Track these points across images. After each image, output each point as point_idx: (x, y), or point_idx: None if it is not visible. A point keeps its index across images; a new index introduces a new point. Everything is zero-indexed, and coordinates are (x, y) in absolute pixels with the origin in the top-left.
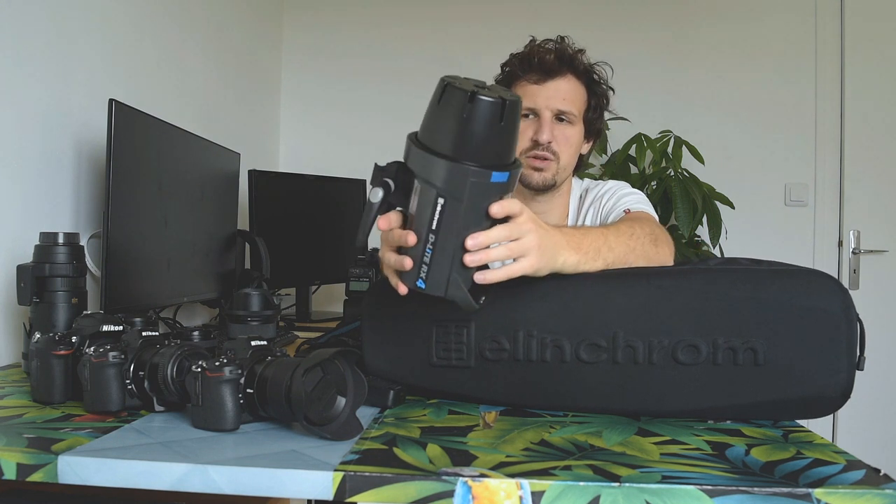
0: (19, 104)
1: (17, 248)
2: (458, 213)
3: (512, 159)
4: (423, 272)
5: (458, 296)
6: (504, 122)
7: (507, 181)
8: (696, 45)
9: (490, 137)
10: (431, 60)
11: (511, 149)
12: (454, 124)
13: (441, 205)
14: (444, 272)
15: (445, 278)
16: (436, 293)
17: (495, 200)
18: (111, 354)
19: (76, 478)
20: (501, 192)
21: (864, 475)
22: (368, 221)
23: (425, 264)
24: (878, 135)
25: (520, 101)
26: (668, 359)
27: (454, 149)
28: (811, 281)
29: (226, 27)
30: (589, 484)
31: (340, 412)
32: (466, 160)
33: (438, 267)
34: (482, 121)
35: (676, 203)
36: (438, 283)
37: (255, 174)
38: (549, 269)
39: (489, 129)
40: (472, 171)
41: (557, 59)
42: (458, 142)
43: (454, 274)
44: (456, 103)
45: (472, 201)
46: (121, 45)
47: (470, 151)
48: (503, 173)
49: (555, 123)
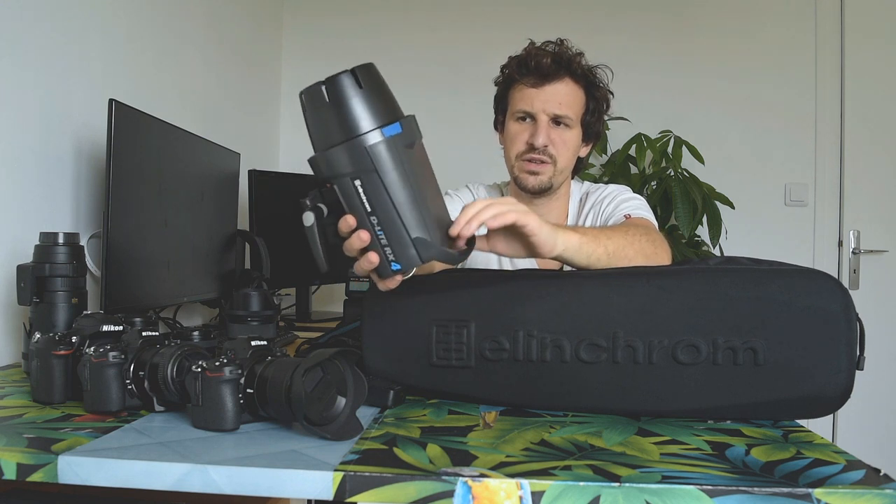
0: (19, 104)
1: (17, 248)
2: (377, 182)
3: (396, 114)
4: (390, 256)
5: (434, 254)
6: (365, 86)
7: (403, 131)
8: (697, 45)
9: (361, 104)
10: (431, 63)
11: (387, 105)
12: (327, 115)
13: (359, 185)
14: (406, 242)
15: (410, 246)
16: (414, 265)
17: (405, 156)
18: (111, 354)
19: (76, 478)
20: (405, 143)
21: (864, 475)
22: (316, 246)
23: (387, 247)
24: (878, 135)
25: (370, 63)
26: (668, 359)
27: (339, 133)
28: (811, 281)
29: (226, 27)
30: (589, 484)
31: (340, 412)
32: (353, 134)
33: (397, 241)
34: (345, 94)
35: (676, 203)
36: (408, 256)
37: (255, 174)
38: (549, 238)
39: (356, 98)
40: (363, 139)
41: (554, 63)
42: (338, 126)
43: (416, 236)
44: (317, 97)
45: (383, 165)
46: (121, 45)
47: (351, 126)
48: (392, 125)
49: (551, 127)
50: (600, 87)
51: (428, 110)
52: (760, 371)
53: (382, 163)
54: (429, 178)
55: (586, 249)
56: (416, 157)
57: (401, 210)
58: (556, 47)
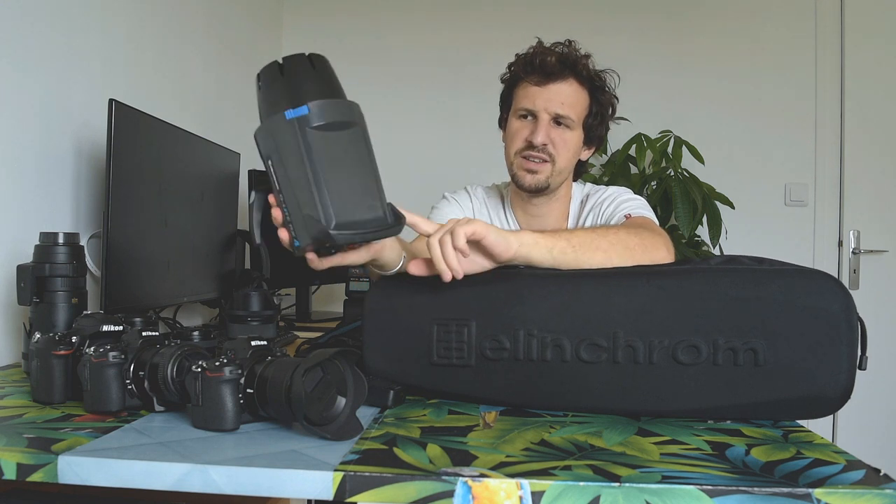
0: (19, 104)
1: (17, 248)
2: (279, 162)
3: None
4: (293, 232)
5: (317, 232)
6: (285, 74)
7: (311, 112)
8: (697, 45)
9: (277, 90)
10: (431, 63)
11: (301, 90)
12: (258, 100)
13: (271, 165)
14: (299, 219)
15: (302, 224)
16: (306, 244)
17: (309, 137)
18: (111, 354)
19: (76, 478)
20: (312, 125)
21: (864, 475)
22: (251, 220)
23: (290, 224)
24: (878, 135)
25: (302, 54)
26: (669, 359)
27: (260, 117)
28: (812, 281)
29: (226, 28)
30: (589, 484)
31: (340, 412)
32: (263, 118)
33: (296, 218)
34: (267, 81)
35: (676, 203)
36: (301, 233)
37: (255, 174)
38: (501, 238)
39: (275, 85)
40: (269, 121)
41: (559, 63)
42: (261, 110)
43: (307, 213)
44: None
45: (283, 145)
46: (121, 45)
47: (264, 111)
48: (298, 108)
49: (552, 127)
50: (605, 91)
51: (428, 110)
52: (761, 371)
53: (283, 143)
54: (350, 161)
55: (545, 243)
56: (332, 139)
57: (296, 188)
58: (564, 48)
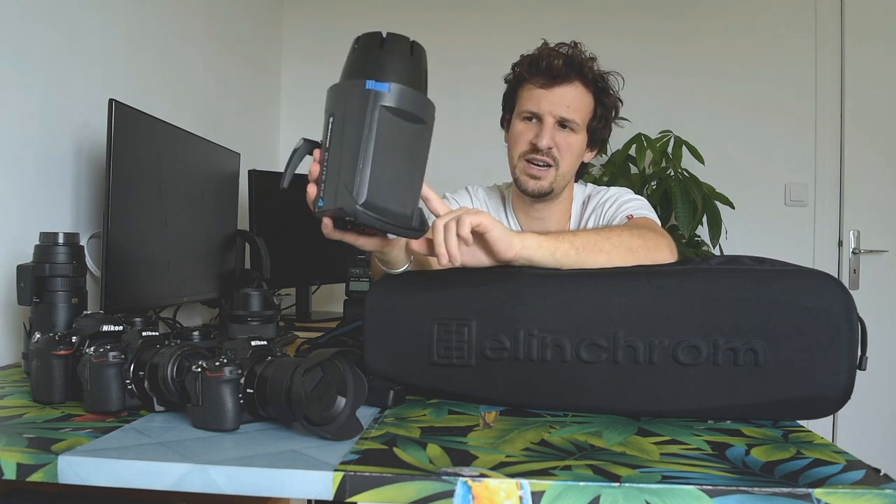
0: (19, 104)
1: (17, 248)
2: (340, 124)
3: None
4: (322, 192)
5: (345, 205)
6: (385, 48)
7: (390, 93)
8: (697, 45)
9: (370, 59)
10: (432, 63)
11: (395, 70)
12: (348, 59)
13: (330, 122)
14: (333, 184)
15: (334, 190)
16: (329, 208)
17: (378, 113)
18: (111, 354)
19: (76, 478)
20: (386, 104)
21: (864, 475)
22: (289, 165)
23: (323, 183)
24: (878, 135)
25: (416, 42)
26: (669, 359)
27: (342, 76)
28: (812, 281)
29: (226, 28)
30: (589, 484)
31: (340, 412)
32: (345, 78)
33: (330, 181)
34: (366, 47)
35: (676, 203)
36: (328, 197)
37: (255, 174)
38: (504, 236)
39: (371, 53)
40: (349, 82)
41: (565, 65)
42: (345, 70)
43: (343, 182)
44: (353, 43)
45: (351, 110)
46: (121, 45)
47: (349, 72)
48: (382, 84)
49: (557, 130)
50: (610, 94)
51: None
52: (761, 372)
53: (351, 108)
54: (404, 154)
55: (548, 245)
56: (397, 126)
57: (344, 154)
58: (570, 49)
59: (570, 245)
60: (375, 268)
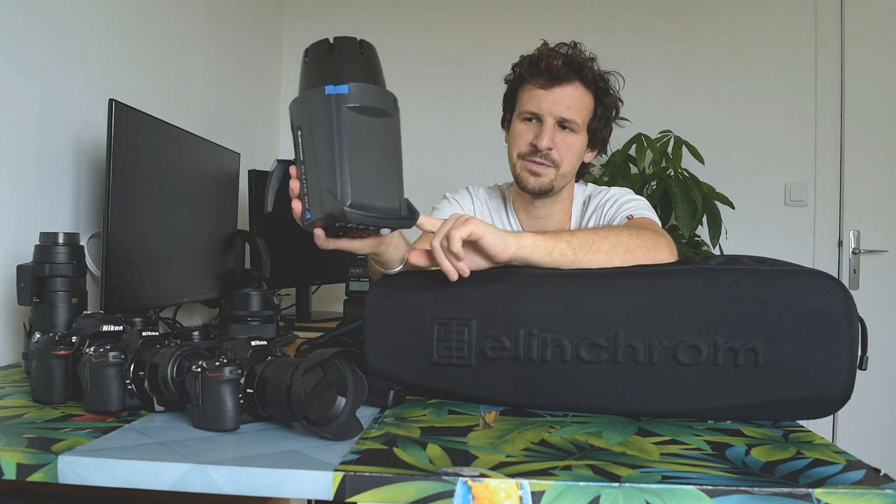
0: (19, 104)
1: (17, 248)
2: (309, 134)
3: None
4: (307, 205)
5: (332, 208)
6: (334, 52)
7: (350, 93)
8: (697, 45)
9: (322, 66)
10: (430, 64)
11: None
12: (301, 72)
13: (299, 136)
14: (316, 192)
15: (319, 197)
16: (317, 217)
17: (343, 115)
18: (111, 354)
19: (76, 478)
20: (349, 105)
21: (864, 475)
22: (268, 188)
23: (306, 196)
24: (878, 135)
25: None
26: (669, 359)
27: (298, 89)
28: (813, 282)
29: (226, 28)
30: (589, 484)
31: (340, 412)
32: (302, 89)
33: (313, 191)
34: (314, 56)
35: (676, 203)
36: (315, 206)
37: (255, 174)
38: (498, 239)
39: (321, 61)
40: (307, 93)
41: (565, 66)
42: (300, 83)
43: (325, 187)
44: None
45: (316, 117)
46: (121, 45)
47: (304, 83)
48: (339, 86)
49: (557, 130)
50: (610, 94)
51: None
52: (761, 372)
53: (316, 117)
54: (377, 149)
55: (545, 245)
56: (364, 123)
57: (320, 162)
58: (570, 49)
59: (567, 245)
60: (373, 270)
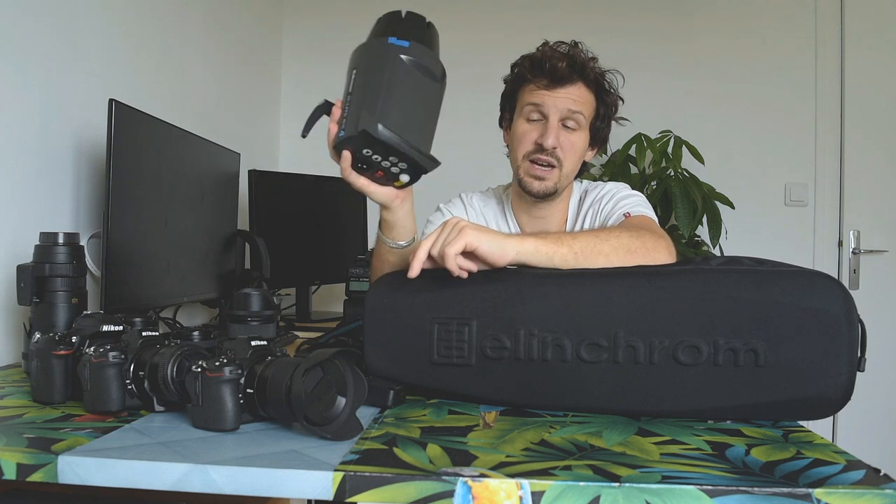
0: (19, 104)
1: (17, 248)
2: (363, 73)
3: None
4: (343, 125)
5: (367, 125)
6: (406, 18)
7: (410, 47)
8: (697, 45)
9: (392, 24)
10: None
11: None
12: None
13: (353, 75)
14: (354, 114)
15: (355, 118)
16: (350, 133)
17: (397, 62)
18: (111, 354)
19: (76, 478)
20: (406, 56)
21: (864, 475)
22: (311, 117)
23: (344, 119)
24: (878, 135)
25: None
26: (669, 359)
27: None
28: (813, 283)
29: (226, 28)
30: (589, 484)
31: (340, 412)
32: (371, 37)
33: (351, 112)
34: (383, 20)
35: (676, 203)
36: (349, 125)
37: (255, 174)
38: (495, 247)
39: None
40: (371, 41)
41: (569, 67)
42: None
43: (362, 112)
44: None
45: (374, 59)
46: (121, 45)
47: (373, 33)
48: (402, 40)
49: (561, 130)
50: (611, 93)
51: None
52: (761, 372)
53: (374, 58)
54: (419, 100)
55: (545, 250)
56: (415, 76)
57: (366, 91)
58: (571, 49)
59: (568, 249)
60: (375, 268)
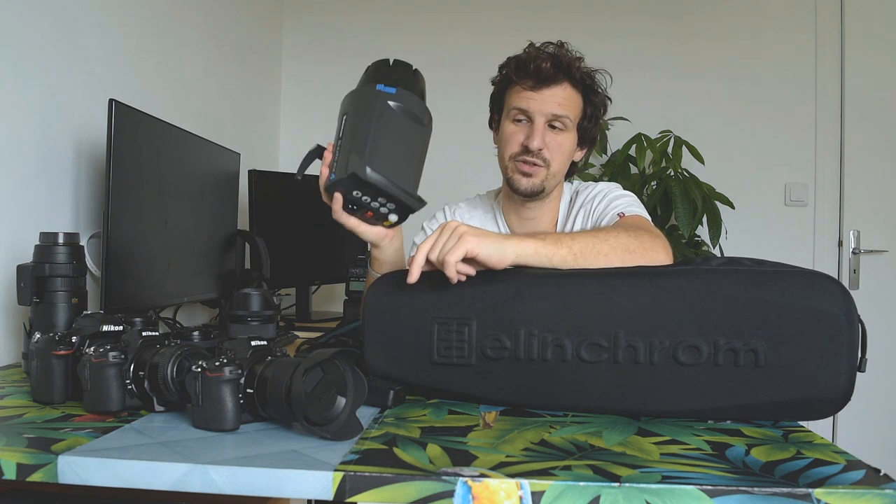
0: (19, 104)
1: (17, 248)
2: (353, 117)
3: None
4: (334, 168)
5: (357, 168)
6: (393, 66)
7: (397, 94)
8: (697, 45)
9: (379, 73)
10: (430, 63)
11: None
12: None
13: (343, 120)
14: (344, 157)
15: (345, 161)
16: (340, 177)
17: (385, 109)
18: (111, 354)
19: (76, 478)
20: (394, 103)
21: (864, 475)
22: (304, 160)
23: (335, 163)
24: (878, 135)
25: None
26: (669, 359)
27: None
28: (813, 283)
29: (226, 28)
30: (589, 484)
31: (340, 412)
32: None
33: (342, 156)
34: (372, 68)
35: (676, 203)
36: (340, 168)
37: (255, 174)
38: (494, 251)
39: (376, 70)
40: (360, 88)
41: (554, 67)
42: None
43: (351, 153)
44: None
45: (362, 104)
46: (121, 45)
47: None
48: (389, 87)
49: (547, 130)
50: (598, 93)
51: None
52: (761, 373)
53: (363, 104)
54: (407, 144)
55: (545, 252)
56: (402, 121)
57: (355, 136)
58: (557, 49)
59: (567, 250)
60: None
